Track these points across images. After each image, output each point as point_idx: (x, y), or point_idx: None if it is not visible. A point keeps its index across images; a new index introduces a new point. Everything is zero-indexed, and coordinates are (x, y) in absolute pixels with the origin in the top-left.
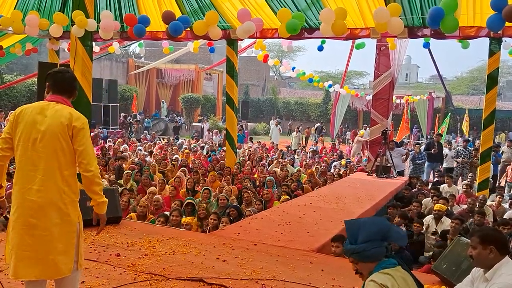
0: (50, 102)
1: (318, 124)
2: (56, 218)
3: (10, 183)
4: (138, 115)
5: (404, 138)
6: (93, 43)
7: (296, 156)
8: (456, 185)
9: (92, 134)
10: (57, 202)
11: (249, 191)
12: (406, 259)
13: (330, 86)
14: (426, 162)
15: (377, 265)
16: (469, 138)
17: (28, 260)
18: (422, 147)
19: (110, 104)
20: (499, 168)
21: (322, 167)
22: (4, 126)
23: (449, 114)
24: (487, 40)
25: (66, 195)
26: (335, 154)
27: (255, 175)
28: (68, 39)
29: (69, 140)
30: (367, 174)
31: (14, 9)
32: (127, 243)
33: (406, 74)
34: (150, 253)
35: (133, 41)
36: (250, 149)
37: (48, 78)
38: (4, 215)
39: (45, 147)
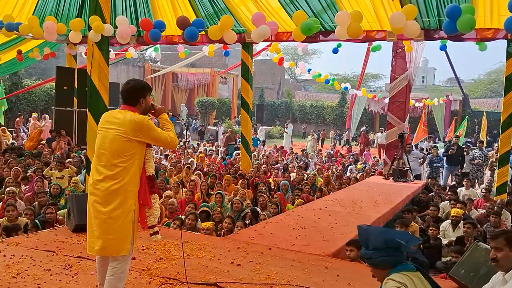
0: (121, 110)
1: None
2: (117, 205)
3: (27, 186)
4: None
5: (421, 141)
6: (110, 47)
7: (310, 160)
8: (474, 188)
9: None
10: (117, 191)
11: (264, 195)
12: (422, 265)
13: (346, 88)
14: (445, 166)
15: (391, 270)
16: (483, 140)
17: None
18: (440, 151)
19: None
20: None
21: (338, 171)
22: (23, 131)
23: (467, 117)
24: (505, 41)
25: (126, 186)
26: (350, 157)
27: (270, 179)
28: (85, 44)
29: (131, 137)
30: (384, 178)
31: (33, 14)
32: (142, 246)
33: (423, 77)
34: (165, 256)
35: (149, 46)
36: (265, 153)
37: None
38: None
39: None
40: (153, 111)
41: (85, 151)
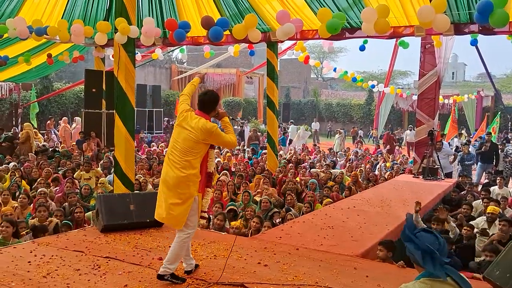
0: (196, 115)
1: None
2: (181, 189)
3: (57, 188)
4: None
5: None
6: (137, 49)
7: (338, 159)
8: (507, 187)
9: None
10: (183, 179)
11: (292, 194)
12: (454, 265)
13: (373, 86)
14: (479, 163)
15: (423, 272)
16: None
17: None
18: (471, 148)
19: (154, 109)
20: None
21: (366, 169)
22: (54, 134)
23: (499, 113)
24: None
25: (191, 176)
26: (379, 155)
27: (297, 178)
28: (113, 47)
29: (200, 140)
30: (413, 176)
31: (61, 18)
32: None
33: (453, 73)
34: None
35: (175, 47)
36: (291, 151)
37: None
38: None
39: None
40: (217, 115)
41: (113, 152)
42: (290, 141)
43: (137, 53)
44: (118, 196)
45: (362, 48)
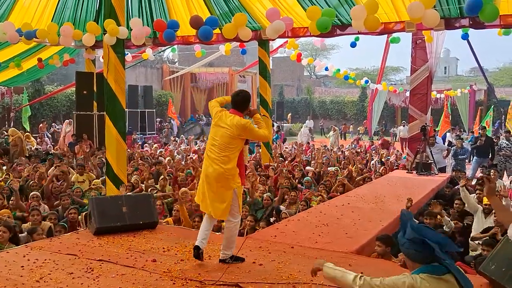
0: (231, 113)
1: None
2: (221, 183)
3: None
4: (171, 120)
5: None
6: (127, 50)
7: (333, 155)
8: (502, 180)
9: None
10: (223, 173)
11: (291, 192)
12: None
13: (366, 82)
14: (474, 158)
15: (421, 267)
16: (510, 130)
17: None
18: (464, 143)
19: (146, 110)
20: None
21: (360, 166)
22: (47, 137)
23: (492, 106)
24: None
25: (229, 170)
26: (373, 151)
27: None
28: (102, 48)
29: (235, 135)
30: (407, 172)
31: (51, 21)
32: (163, 248)
33: (445, 68)
34: (186, 258)
35: (165, 47)
36: (286, 149)
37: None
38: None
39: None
40: (248, 112)
41: (104, 153)
42: (285, 139)
43: (128, 53)
44: (111, 198)
45: (353, 45)
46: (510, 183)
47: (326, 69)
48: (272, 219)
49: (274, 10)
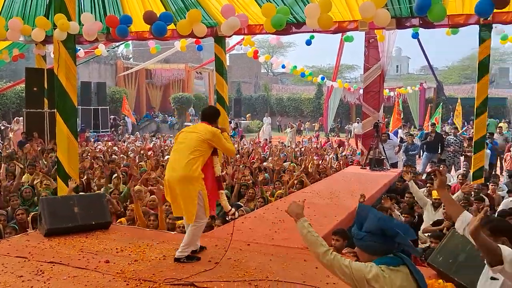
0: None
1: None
2: (185, 185)
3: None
4: (126, 118)
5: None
6: (79, 46)
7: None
8: (450, 174)
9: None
10: (185, 176)
11: (253, 188)
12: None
13: (323, 78)
14: (424, 153)
15: (377, 259)
16: (457, 126)
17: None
18: (415, 139)
19: (100, 107)
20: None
21: (315, 162)
22: None
23: (441, 104)
24: (477, 27)
25: (193, 172)
26: (329, 148)
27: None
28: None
29: (205, 139)
30: (361, 168)
31: None
32: (117, 249)
33: (397, 66)
34: (140, 258)
35: (119, 43)
36: (244, 146)
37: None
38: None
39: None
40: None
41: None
42: (242, 136)
43: (79, 49)
44: (62, 199)
45: (308, 43)
46: (457, 177)
47: (283, 66)
48: (229, 217)
49: (229, 7)
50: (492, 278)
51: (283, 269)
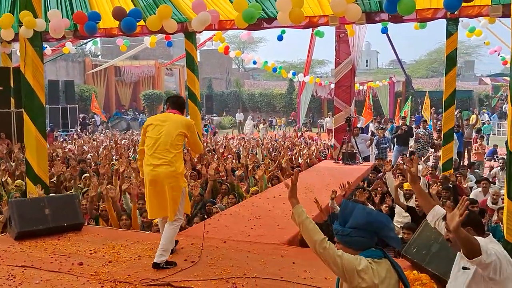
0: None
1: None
2: (172, 183)
3: None
4: (95, 116)
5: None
6: (46, 43)
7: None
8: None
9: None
10: (171, 173)
11: (227, 184)
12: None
13: (294, 74)
14: (395, 146)
15: (359, 254)
16: (426, 119)
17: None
18: (386, 132)
19: (68, 106)
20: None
21: (289, 156)
22: None
23: (410, 97)
24: (444, 22)
25: (178, 169)
26: (302, 142)
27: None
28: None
29: (184, 136)
30: (334, 162)
31: None
32: (90, 250)
33: (366, 61)
34: (115, 259)
35: (87, 40)
36: (218, 143)
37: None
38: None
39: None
40: None
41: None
42: (215, 132)
43: (46, 47)
44: (31, 201)
45: (280, 38)
46: (428, 169)
47: (255, 62)
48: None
49: (200, 2)
50: (464, 268)
51: (260, 265)
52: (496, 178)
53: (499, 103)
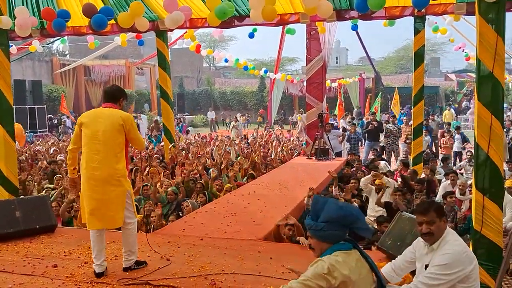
0: (105, 107)
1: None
2: (114, 186)
3: None
4: (65, 117)
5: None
6: (11, 42)
7: (236, 146)
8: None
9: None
10: (114, 174)
11: (202, 182)
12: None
13: (266, 71)
14: (366, 141)
15: (331, 247)
16: (395, 114)
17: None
18: (357, 128)
19: (36, 106)
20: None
21: (262, 153)
22: None
23: (380, 93)
24: (411, 19)
25: (120, 170)
26: (274, 140)
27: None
28: None
29: (123, 132)
30: (307, 158)
31: None
32: (64, 252)
33: (336, 58)
34: (90, 260)
35: (55, 38)
36: (191, 141)
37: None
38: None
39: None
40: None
41: None
42: (187, 131)
43: (12, 45)
44: (1, 204)
45: (251, 36)
46: (399, 165)
47: (226, 60)
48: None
49: (172, 0)
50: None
51: (238, 261)
52: (464, 170)
53: (463, 98)
